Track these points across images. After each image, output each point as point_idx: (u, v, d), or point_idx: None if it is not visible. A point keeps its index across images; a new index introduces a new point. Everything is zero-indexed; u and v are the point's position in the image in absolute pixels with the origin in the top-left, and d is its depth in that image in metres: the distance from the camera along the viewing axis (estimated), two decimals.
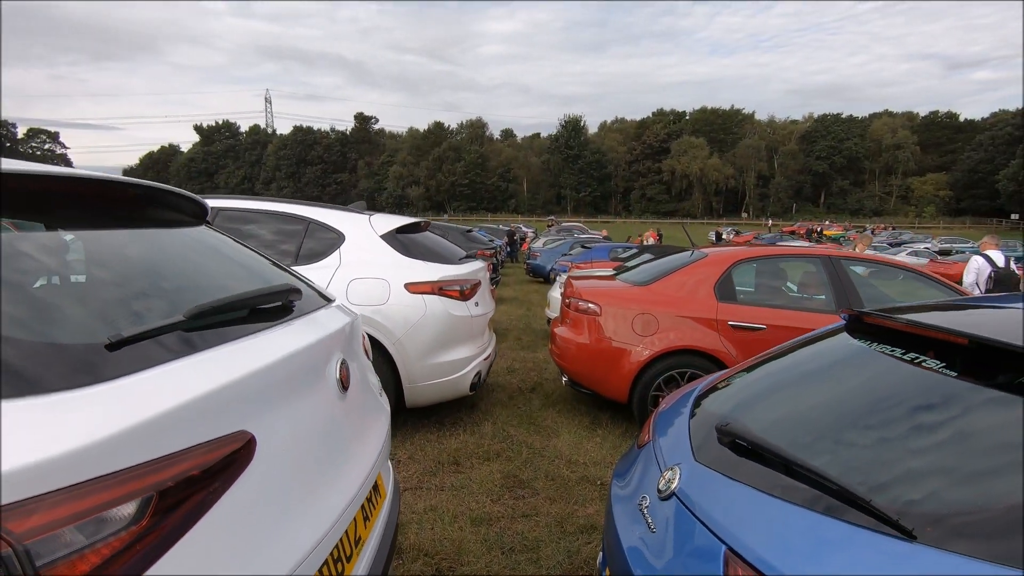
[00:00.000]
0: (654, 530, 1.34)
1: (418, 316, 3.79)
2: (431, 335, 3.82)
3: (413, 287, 3.83)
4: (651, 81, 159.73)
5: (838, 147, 75.04)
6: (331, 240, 3.98)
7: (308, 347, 1.23)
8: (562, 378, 4.62)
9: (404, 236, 4.20)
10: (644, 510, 1.43)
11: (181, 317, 1.00)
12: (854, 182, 77.17)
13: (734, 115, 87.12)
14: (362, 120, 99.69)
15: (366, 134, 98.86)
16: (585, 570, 2.50)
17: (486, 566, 2.49)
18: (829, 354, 1.62)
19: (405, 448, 3.76)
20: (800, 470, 1.12)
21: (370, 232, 4.04)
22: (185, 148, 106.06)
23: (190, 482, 0.85)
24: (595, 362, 4.20)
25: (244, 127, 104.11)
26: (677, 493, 1.33)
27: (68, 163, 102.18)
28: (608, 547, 1.55)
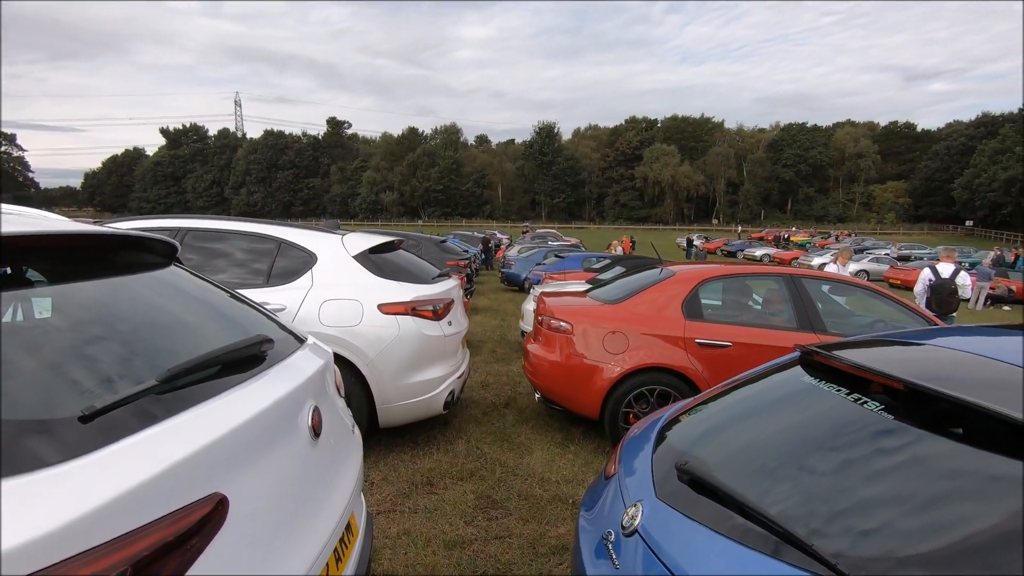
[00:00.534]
0: (618, 567, 1.40)
1: (391, 337, 3.80)
2: (404, 355, 3.84)
3: (386, 308, 3.84)
4: (624, 88, 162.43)
5: (804, 155, 77.23)
6: (303, 261, 3.97)
7: (280, 400, 1.25)
8: (535, 395, 4.68)
9: (377, 256, 4.21)
10: (609, 545, 1.49)
11: (154, 381, 1.02)
12: (819, 189, 79.48)
13: (704, 123, 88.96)
14: (335, 125, 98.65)
15: (339, 139, 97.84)
16: None
17: None
18: (783, 388, 1.71)
19: (379, 469, 3.76)
20: (750, 511, 1.19)
21: (342, 252, 4.04)
22: (151, 151, 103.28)
23: (164, 549, 0.88)
24: (567, 379, 4.27)
25: (213, 130, 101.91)
26: (640, 530, 1.39)
27: (26, 166, 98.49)
28: None
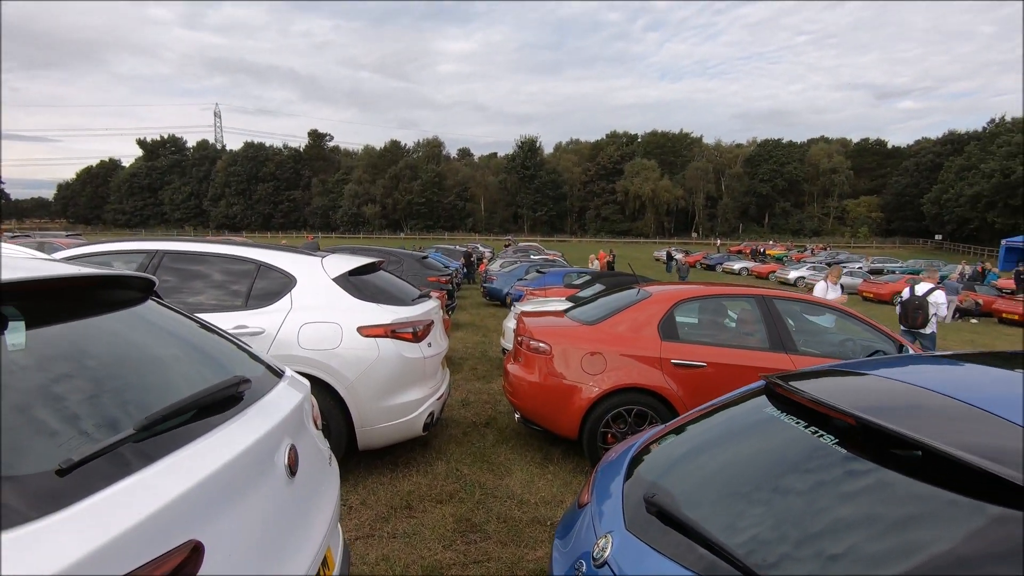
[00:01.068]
0: None
1: (371, 360, 3.81)
2: (384, 378, 3.85)
3: (366, 330, 3.86)
4: (605, 103, 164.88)
5: (780, 171, 78.96)
6: (282, 283, 3.97)
7: (256, 442, 1.27)
8: (515, 415, 4.71)
9: (357, 278, 4.22)
10: None
11: (131, 430, 1.04)
12: (795, 204, 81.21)
13: (683, 138, 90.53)
14: (316, 137, 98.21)
15: (320, 151, 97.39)
16: None
17: None
18: (748, 418, 1.77)
19: (357, 493, 3.75)
20: (713, 545, 1.25)
21: (322, 275, 4.05)
22: (127, 163, 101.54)
23: None
24: (546, 400, 4.31)
25: (192, 142, 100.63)
26: (610, 562, 1.44)
27: None
28: None
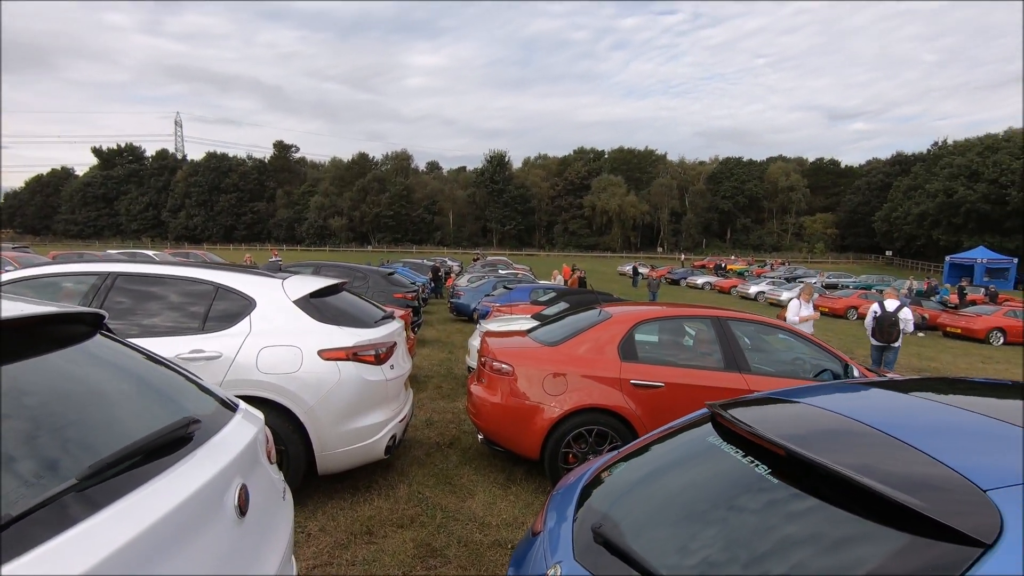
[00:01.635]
0: None
1: (332, 383, 3.78)
2: (345, 402, 3.82)
3: (327, 353, 3.83)
4: (572, 119, 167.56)
5: (740, 188, 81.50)
6: (241, 306, 3.92)
7: (205, 484, 1.28)
8: (478, 435, 4.73)
9: (318, 300, 4.20)
10: None
11: (74, 480, 1.04)
12: (755, 220, 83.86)
13: (648, 155, 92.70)
14: (282, 148, 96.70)
15: (286, 162, 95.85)
16: None
17: None
18: (692, 447, 1.85)
19: (316, 519, 3.70)
20: None
21: (283, 297, 4.01)
22: (81, 171, 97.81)
23: None
24: (508, 421, 4.35)
25: (150, 151, 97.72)
26: None
27: None
28: None
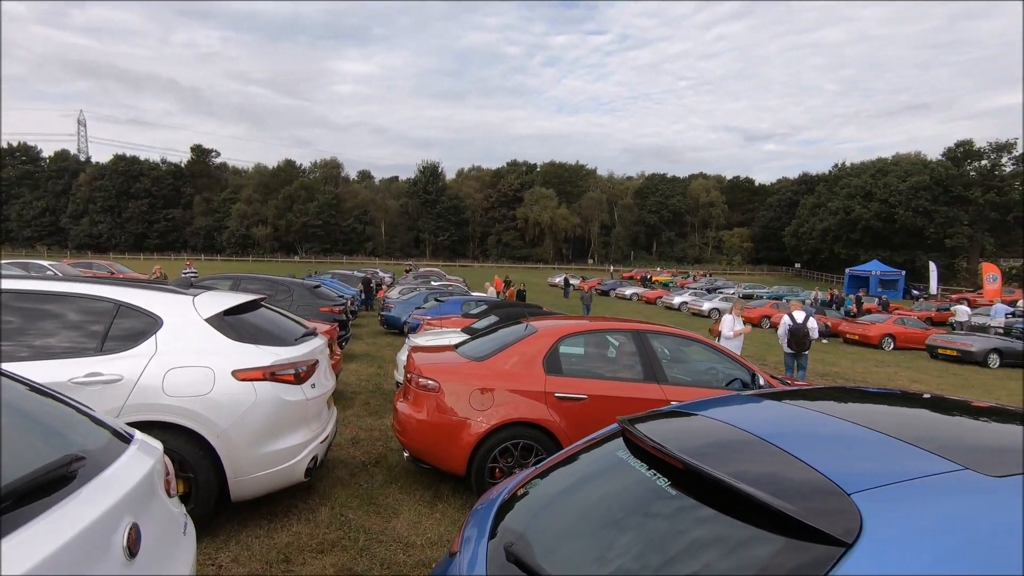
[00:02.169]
0: None
1: (247, 405, 3.61)
2: (261, 424, 3.66)
3: (242, 373, 3.66)
4: (505, 132, 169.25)
5: (665, 203, 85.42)
6: (146, 325, 3.67)
7: (89, 527, 1.20)
8: (404, 453, 4.66)
9: (234, 317, 4.01)
10: None
11: None
12: (679, 233, 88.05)
13: (579, 169, 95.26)
14: (200, 152, 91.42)
15: (205, 167, 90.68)
16: None
17: None
18: (603, 462, 1.93)
19: (229, 549, 3.50)
20: None
21: (193, 315, 3.80)
22: None
23: None
24: (435, 437, 4.32)
25: (48, 151, 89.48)
26: None
27: None
28: None
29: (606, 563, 1.47)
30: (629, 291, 39.45)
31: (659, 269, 61.43)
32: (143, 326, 3.66)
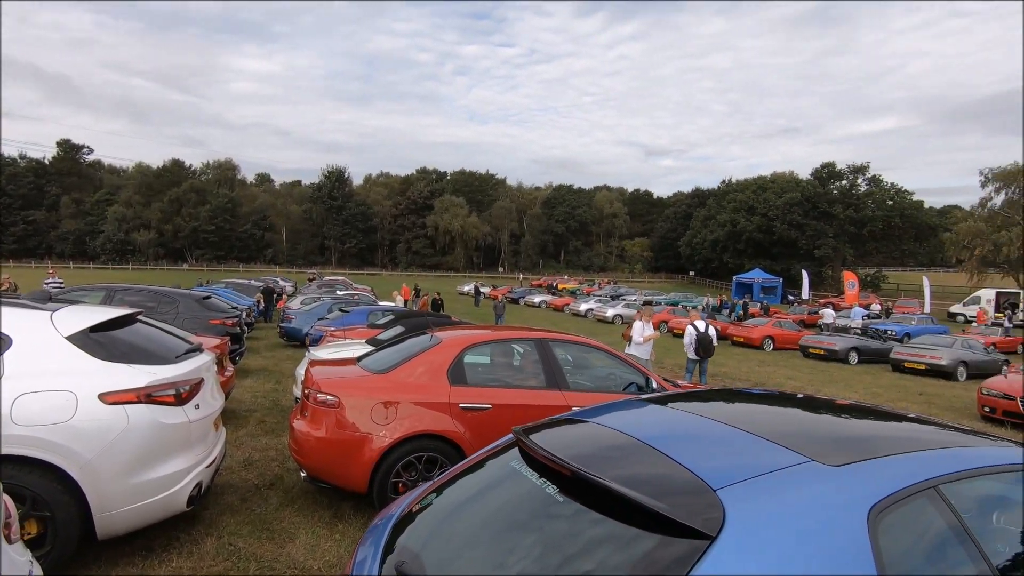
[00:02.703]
0: None
1: (117, 431, 3.27)
2: (135, 451, 3.32)
3: (111, 397, 3.31)
4: (415, 139, 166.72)
5: (572, 213, 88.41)
6: None
7: None
8: (301, 473, 4.43)
9: (102, 334, 3.63)
10: None
11: None
12: (585, 243, 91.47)
13: (489, 179, 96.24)
14: (69, 148, 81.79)
15: (74, 165, 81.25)
16: None
17: None
18: (499, 473, 1.95)
19: None
20: None
21: (50, 333, 3.40)
22: None
23: None
24: (334, 454, 4.15)
25: None
26: None
27: None
28: None
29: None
30: (538, 299, 40.30)
31: (566, 277, 63.36)
32: None
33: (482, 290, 39.35)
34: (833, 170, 61.47)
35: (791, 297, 46.97)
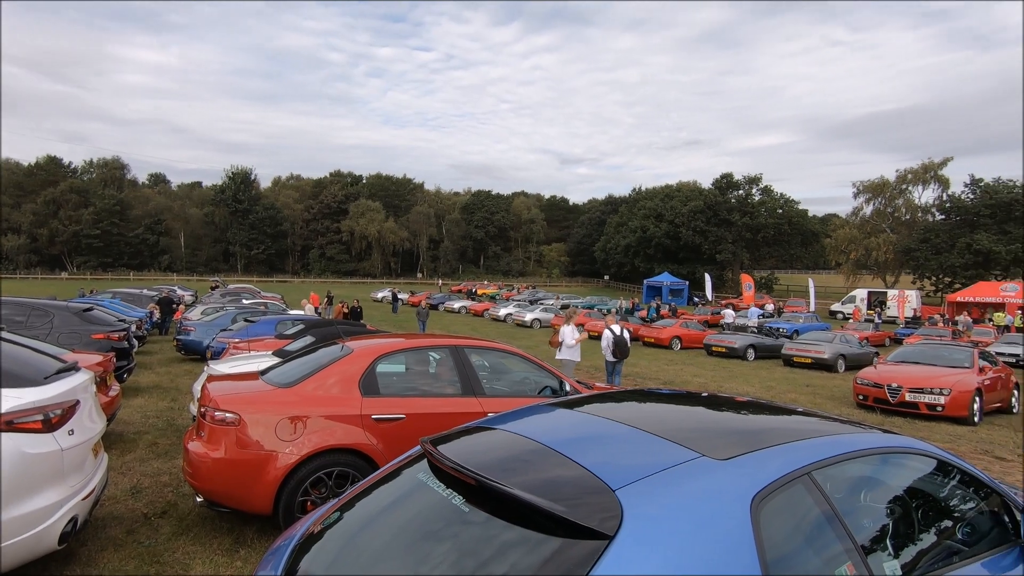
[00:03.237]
0: None
1: None
2: None
3: None
4: (328, 141, 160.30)
5: (491, 218, 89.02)
6: None
7: None
8: (197, 498, 4.11)
9: None
10: None
11: None
12: (504, 248, 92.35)
13: (406, 183, 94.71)
14: None
15: None
16: None
17: None
18: (405, 486, 1.90)
19: None
20: None
21: None
22: None
23: None
24: (234, 476, 3.88)
25: None
26: None
27: None
28: None
29: None
30: (458, 304, 40.12)
31: (486, 282, 63.63)
32: None
33: (400, 296, 38.56)
34: (731, 180, 66.29)
35: (696, 299, 49.95)
